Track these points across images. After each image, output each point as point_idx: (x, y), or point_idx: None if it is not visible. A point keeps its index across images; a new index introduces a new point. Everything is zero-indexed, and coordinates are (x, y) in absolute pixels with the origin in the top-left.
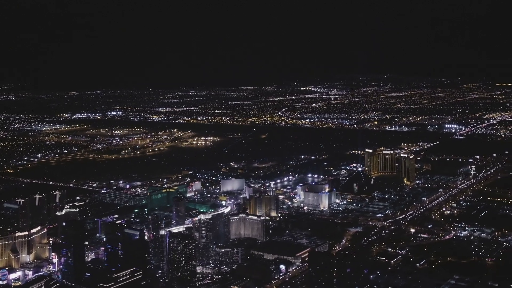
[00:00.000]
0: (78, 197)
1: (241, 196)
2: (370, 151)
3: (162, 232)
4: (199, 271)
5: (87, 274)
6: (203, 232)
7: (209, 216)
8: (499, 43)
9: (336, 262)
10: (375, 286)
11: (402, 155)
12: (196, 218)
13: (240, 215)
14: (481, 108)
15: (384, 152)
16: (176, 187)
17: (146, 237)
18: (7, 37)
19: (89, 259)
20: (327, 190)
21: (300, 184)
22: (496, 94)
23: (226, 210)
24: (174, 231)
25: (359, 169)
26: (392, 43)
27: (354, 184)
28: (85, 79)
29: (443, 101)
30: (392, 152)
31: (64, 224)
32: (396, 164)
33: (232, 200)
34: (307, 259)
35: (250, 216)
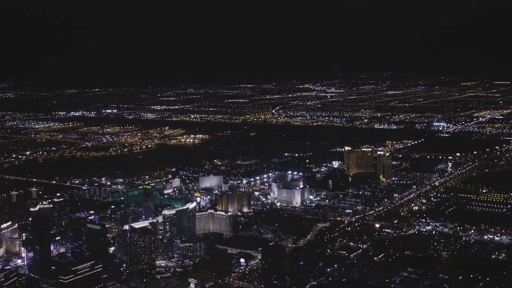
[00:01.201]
0: (58, 194)
1: (214, 192)
2: (349, 148)
3: (126, 227)
4: (163, 264)
5: (52, 267)
6: (167, 226)
7: (173, 211)
8: (498, 42)
9: (289, 255)
10: (330, 278)
11: (379, 152)
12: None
13: (209, 211)
14: (473, 106)
15: (362, 149)
16: (153, 184)
17: (117, 232)
18: (9, 34)
19: (59, 253)
20: (301, 186)
21: (277, 181)
22: (492, 93)
23: (191, 206)
24: (138, 226)
25: (335, 166)
26: (392, 41)
27: (330, 181)
28: (85, 77)
29: (438, 99)
30: (370, 149)
31: (30, 219)
32: (375, 162)
33: (208, 197)
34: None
35: (218, 212)
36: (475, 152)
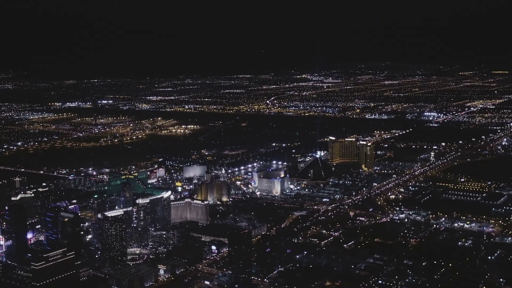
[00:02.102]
0: (44, 183)
1: (193, 182)
2: (333, 138)
3: (99, 215)
4: (137, 251)
5: (28, 254)
6: (141, 215)
7: (147, 200)
8: (498, 32)
9: (257, 242)
10: (297, 265)
11: (361, 142)
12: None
13: (186, 200)
14: (467, 96)
15: (346, 139)
16: (136, 174)
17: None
18: (9, 26)
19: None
20: (282, 176)
21: (259, 171)
22: (489, 82)
23: (166, 195)
24: (112, 214)
25: (318, 156)
26: (391, 31)
27: (310, 170)
28: (84, 68)
29: (433, 89)
30: (354, 139)
31: (6, 208)
32: (358, 151)
33: (191, 186)
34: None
35: (195, 201)
36: (460, 142)
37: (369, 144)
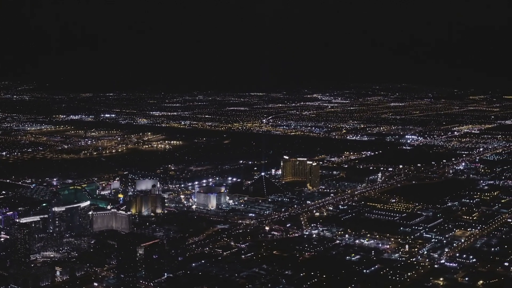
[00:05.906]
0: (3, 191)
1: (128, 194)
2: (286, 157)
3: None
4: (52, 255)
5: None
6: (57, 222)
7: (63, 208)
8: None
9: (147, 249)
10: (188, 272)
11: (308, 162)
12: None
13: (112, 210)
14: (461, 120)
15: (298, 159)
16: (85, 185)
17: None
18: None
19: None
20: (221, 191)
21: (198, 186)
22: (493, 107)
23: (83, 204)
24: (29, 220)
25: (262, 174)
26: (409, 52)
27: (250, 187)
28: (103, 81)
29: (434, 112)
30: (304, 159)
31: None
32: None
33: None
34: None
35: (119, 211)
36: (418, 165)
37: (314, 164)
